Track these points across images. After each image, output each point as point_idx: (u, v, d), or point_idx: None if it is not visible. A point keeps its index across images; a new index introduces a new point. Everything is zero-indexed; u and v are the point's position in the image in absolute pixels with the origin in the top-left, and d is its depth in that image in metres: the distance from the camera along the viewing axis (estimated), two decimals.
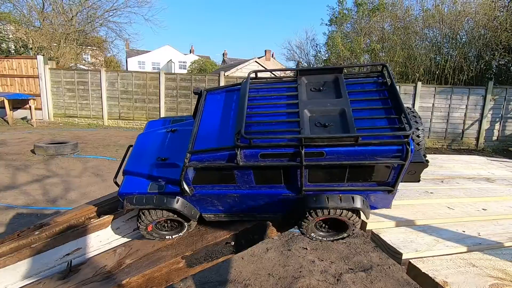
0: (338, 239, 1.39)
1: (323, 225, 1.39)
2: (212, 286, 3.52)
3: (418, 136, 1.31)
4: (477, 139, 12.66)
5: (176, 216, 1.38)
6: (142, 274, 1.23)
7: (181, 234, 1.44)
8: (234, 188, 1.29)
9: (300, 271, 3.78)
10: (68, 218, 1.65)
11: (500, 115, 12.47)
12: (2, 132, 11.57)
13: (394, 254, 1.07)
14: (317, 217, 1.28)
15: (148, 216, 1.36)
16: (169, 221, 1.44)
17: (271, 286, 3.52)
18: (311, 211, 1.26)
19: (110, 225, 1.59)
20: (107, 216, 1.62)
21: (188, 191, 1.29)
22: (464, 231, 1.22)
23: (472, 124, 12.60)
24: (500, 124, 12.55)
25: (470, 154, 3.05)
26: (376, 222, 1.27)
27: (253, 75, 1.54)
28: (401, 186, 1.79)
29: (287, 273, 3.73)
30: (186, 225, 1.42)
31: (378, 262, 4.07)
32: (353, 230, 1.32)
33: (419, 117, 1.39)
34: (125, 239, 1.54)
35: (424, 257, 1.02)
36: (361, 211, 1.25)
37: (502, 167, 2.43)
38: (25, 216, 4.94)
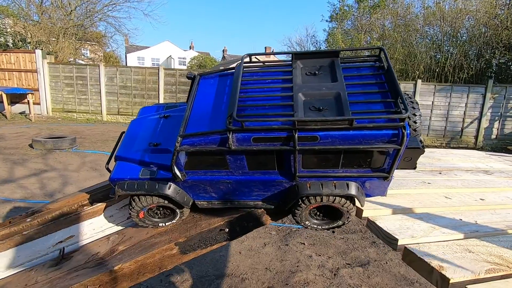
0: (333, 228, 1.36)
1: (317, 213, 1.37)
2: (209, 280, 3.51)
3: (415, 122, 1.28)
4: (476, 137, 12.66)
5: (168, 202, 1.35)
6: (134, 260, 1.21)
7: (174, 221, 1.42)
8: (227, 174, 1.27)
9: (297, 266, 3.77)
10: (60, 205, 1.63)
11: (499, 113, 12.46)
12: (0, 126, 11.53)
13: (390, 240, 1.06)
14: (311, 204, 1.25)
15: (139, 202, 1.34)
16: (161, 208, 1.41)
17: (268, 280, 3.52)
18: (305, 198, 1.24)
19: (103, 213, 1.58)
20: (100, 203, 1.60)
21: (180, 177, 1.27)
22: (461, 219, 1.21)
23: (471, 123, 12.59)
24: (499, 122, 12.55)
25: (473, 150, 3.04)
26: (372, 210, 1.26)
27: (247, 59, 1.50)
28: (398, 176, 1.77)
29: (284, 268, 3.73)
30: (179, 212, 1.40)
31: (375, 258, 4.07)
32: (348, 218, 1.30)
33: (417, 102, 1.36)
34: (119, 227, 1.52)
35: (420, 243, 1.01)
36: (355, 198, 1.23)
37: (500, 161, 2.42)
38: (22, 209, 4.92)
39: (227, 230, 1.34)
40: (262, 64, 1.51)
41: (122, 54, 37.72)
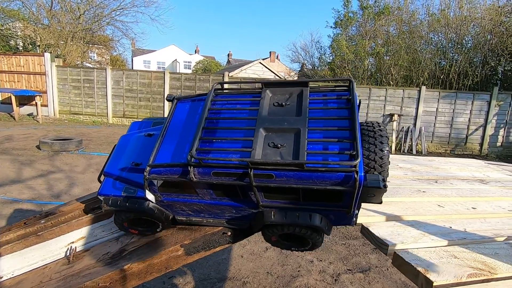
0: (306, 250, 1.38)
1: (287, 237, 1.36)
2: (211, 283, 3.57)
3: (381, 158, 1.22)
4: (481, 144, 12.61)
5: (149, 217, 1.41)
6: (143, 261, 1.29)
7: (158, 230, 1.48)
8: (197, 198, 1.31)
9: (298, 271, 3.82)
10: (73, 208, 1.72)
11: (504, 121, 12.41)
12: (8, 127, 11.75)
13: (381, 245, 1.13)
14: (277, 232, 1.27)
15: (121, 215, 1.41)
16: (143, 219, 1.46)
17: (269, 284, 3.57)
18: (270, 225, 1.25)
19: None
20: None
21: (152, 200, 1.32)
22: (451, 227, 1.27)
23: (476, 130, 12.55)
24: (504, 130, 12.49)
25: (473, 159, 3.08)
26: (366, 217, 1.33)
27: (218, 86, 1.50)
28: (395, 184, 1.84)
29: (285, 272, 3.78)
30: (160, 224, 1.45)
31: (376, 264, 4.10)
32: (316, 244, 1.31)
33: (386, 136, 1.30)
34: None
35: (409, 248, 1.08)
36: (320, 229, 1.23)
37: (498, 170, 2.47)
38: (29, 210, 5.04)
39: (229, 233, 1.42)
40: (234, 91, 1.51)
41: (128, 58, 38.20)
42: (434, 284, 0.85)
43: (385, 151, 1.21)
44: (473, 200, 1.63)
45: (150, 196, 1.33)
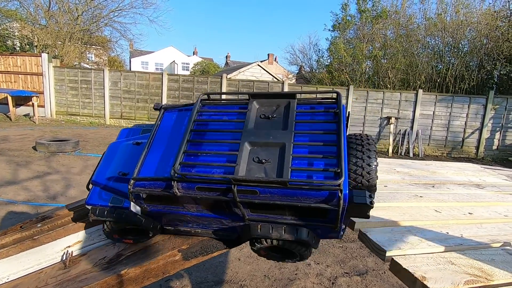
0: (295, 261, 1.37)
1: (276, 249, 1.34)
2: (208, 286, 3.56)
3: (368, 173, 1.16)
4: (477, 148, 12.71)
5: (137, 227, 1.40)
6: (139, 266, 1.28)
7: (151, 235, 1.47)
8: (184, 210, 1.30)
9: (295, 274, 3.82)
10: (69, 212, 1.71)
11: (500, 124, 12.53)
12: (4, 128, 11.68)
13: (378, 251, 1.13)
14: (263, 245, 1.26)
15: (109, 225, 1.40)
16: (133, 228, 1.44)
17: (267, 287, 3.56)
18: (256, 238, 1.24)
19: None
20: None
21: (138, 212, 1.31)
22: (448, 232, 1.28)
23: (472, 133, 12.66)
24: (500, 133, 12.60)
25: (469, 163, 3.10)
26: (364, 222, 1.33)
27: (204, 96, 1.46)
28: (392, 188, 1.85)
29: (282, 275, 3.77)
30: (150, 232, 1.44)
31: (373, 267, 4.11)
32: (304, 257, 1.30)
33: (375, 150, 1.23)
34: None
35: (407, 254, 1.08)
36: (306, 243, 1.21)
37: (494, 175, 2.49)
38: (25, 211, 5.00)
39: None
40: (221, 101, 1.48)
41: (126, 59, 38.12)
42: None
43: (373, 166, 1.16)
44: (470, 205, 1.64)
45: (135, 208, 1.31)
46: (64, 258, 1.49)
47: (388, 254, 1.08)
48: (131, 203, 1.29)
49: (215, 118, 1.39)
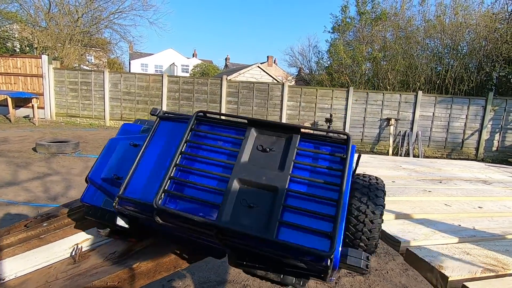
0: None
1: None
2: (211, 286, 3.54)
3: (371, 222, 1.00)
4: (477, 149, 12.75)
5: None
6: (151, 259, 1.28)
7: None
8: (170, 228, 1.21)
9: None
10: (76, 210, 1.70)
11: (500, 126, 12.57)
12: (4, 129, 11.65)
13: (393, 243, 1.13)
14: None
15: (102, 224, 1.39)
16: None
17: (269, 287, 3.55)
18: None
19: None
20: None
21: (124, 225, 1.26)
22: (460, 225, 1.28)
23: (472, 134, 12.70)
24: (500, 135, 12.64)
25: (473, 162, 3.12)
26: None
27: (201, 114, 1.30)
28: (400, 184, 1.85)
29: None
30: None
31: (376, 267, 4.10)
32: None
33: (381, 204, 1.04)
34: None
35: (421, 245, 1.08)
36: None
37: (499, 172, 2.50)
38: (25, 212, 4.98)
39: None
40: (217, 121, 1.33)
41: (126, 61, 38.16)
42: (449, 279, 0.86)
43: (376, 223, 0.99)
44: (479, 199, 1.64)
45: (121, 222, 1.25)
46: (73, 254, 1.48)
47: (403, 245, 1.08)
48: (118, 217, 1.23)
49: (207, 142, 1.25)
